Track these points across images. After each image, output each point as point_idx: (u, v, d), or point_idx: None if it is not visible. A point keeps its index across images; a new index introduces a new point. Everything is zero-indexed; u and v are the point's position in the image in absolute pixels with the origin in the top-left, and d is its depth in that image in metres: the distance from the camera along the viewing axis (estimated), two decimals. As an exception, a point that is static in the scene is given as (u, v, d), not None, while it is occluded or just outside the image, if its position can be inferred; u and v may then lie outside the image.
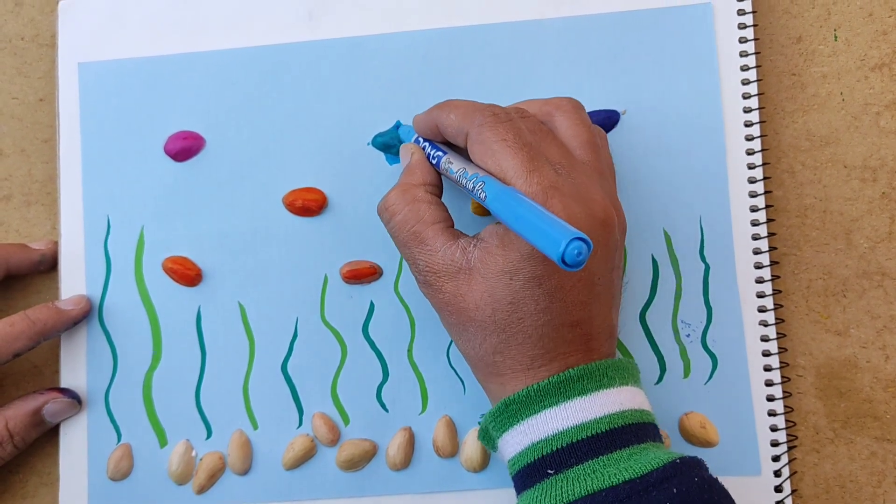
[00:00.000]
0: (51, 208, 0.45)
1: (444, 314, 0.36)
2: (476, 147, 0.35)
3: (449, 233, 0.36)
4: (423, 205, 0.36)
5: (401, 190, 0.37)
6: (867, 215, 0.43)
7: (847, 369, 0.43)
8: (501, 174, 0.34)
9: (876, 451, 0.42)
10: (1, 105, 0.46)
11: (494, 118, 0.35)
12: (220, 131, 0.44)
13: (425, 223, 0.36)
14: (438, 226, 0.36)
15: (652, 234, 0.43)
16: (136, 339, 0.43)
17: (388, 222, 0.37)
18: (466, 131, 0.36)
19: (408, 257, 0.36)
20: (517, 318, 0.34)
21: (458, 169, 0.36)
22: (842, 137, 0.44)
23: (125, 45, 0.45)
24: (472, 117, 0.35)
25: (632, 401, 0.34)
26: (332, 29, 0.44)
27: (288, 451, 0.42)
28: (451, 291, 0.35)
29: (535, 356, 0.34)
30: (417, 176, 0.37)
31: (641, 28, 0.43)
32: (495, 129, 0.34)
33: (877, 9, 0.44)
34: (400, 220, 0.36)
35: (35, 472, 0.44)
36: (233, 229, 0.43)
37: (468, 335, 0.35)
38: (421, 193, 0.37)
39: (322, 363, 0.43)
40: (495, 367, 0.35)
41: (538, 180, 0.33)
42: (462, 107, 0.37)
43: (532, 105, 0.38)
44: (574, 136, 0.36)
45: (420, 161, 0.38)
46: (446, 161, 0.37)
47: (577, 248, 0.28)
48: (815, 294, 0.43)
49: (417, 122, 0.39)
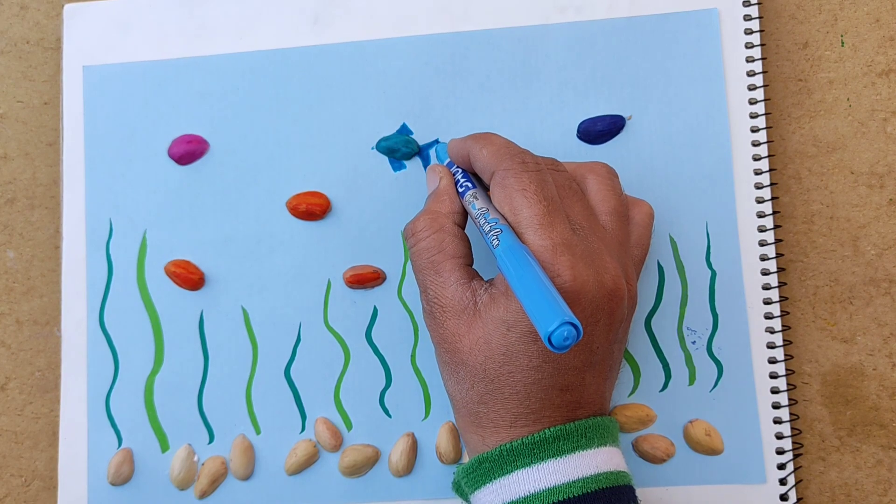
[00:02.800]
0: (55, 211, 0.45)
1: (439, 350, 0.36)
2: (497, 190, 0.35)
3: (465, 270, 0.35)
4: (447, 236, 0.36)
5: (430, 217, 0.36)
6: (874, 222, 0.43)
7: (853, 377, 0.43)
8: (516, 222, 0.34)
9: (882, 460, 0.42)
10: (6, 108, 0.46)
11: (522, 166, 0.34)
12: (224, 135, 0.44)
13: (445, 255, 0.35)
14: (457, 261, 0.35)
15: (658, 240, 0.42)
16: (138, 343, 0.43)
17: (412, 246, 0.37)
18: (493, 171, 0.35)
19: (421, 284, 0.36)
20: (508, 370, 0.33)
21: (480, 207, 0.35)
22: (849, 143, 0.44)
23: (130, 48, 0.45)
24: (501, 159, 0.35)
25: (608, 462, 0.34)
26: (338, 33, 0.44)
27: (290, 456, 0.42)
28: (451, 330, 0.35)
29: (518, 414, 0.34)
30: (446, 204, 0.37)
31: (647, 34, 0.43)
32: (519, 178, 0.34)
33: (884, 14, 0.44)
34: (423, 247, 0.36)
35: (37, 476, 0.44)
36: (236, 233, 0.43)
37: (458, 377, 0.35)
38: (448, 224, 0.36)
39: (325, 368, 0.43)
40: (478, 418, 0.35)
41: (550, 234, 0.33)
42: (496, 145, 0.36)
43: (568, 164, 0.38)
44: (602, 201, 0.36)
45: (449, 188, 0.38)
46: (472, 196, 0.37)
47: (567, 331, 0.28)
48: (822, 301, 0.43)
49: (452, 148, 0.39)
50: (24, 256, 0.45)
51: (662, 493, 0.41)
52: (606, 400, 0.36)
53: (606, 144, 0.43)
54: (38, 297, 0.45)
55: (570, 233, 0.33)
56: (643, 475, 0.41)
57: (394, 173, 0.43)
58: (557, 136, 0.43)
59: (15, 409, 0.44)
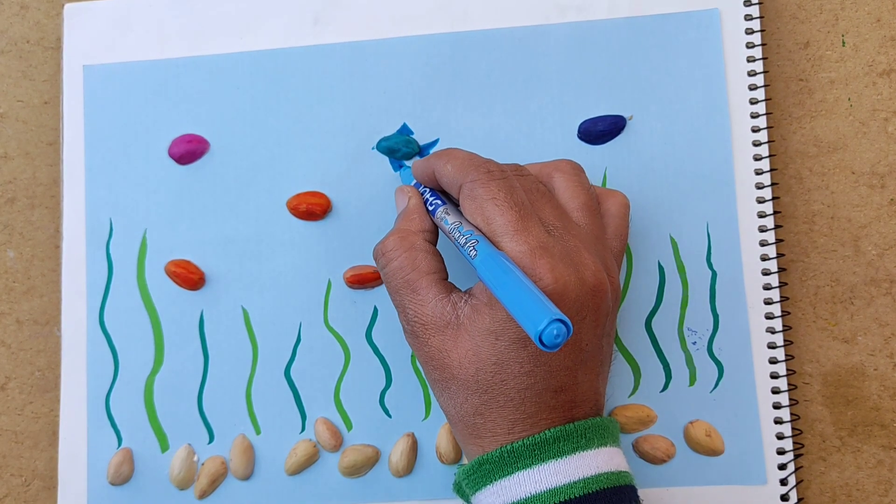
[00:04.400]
0: (55, 211, 0.45)
1: (427, 369, 0.35)
2: (467, 202, 0.35)
3: (442, 285, 0.35)
4: (419, 253, 0.36)
5: (399, 236, 0.36)
6: (875, 222, 0.43)
7: (854, 377, 0.42)
8: (490, 231, 0.33)
9: (883, 460, 0.42)
10: (6, 108, 0.46)
11: (488, 175, 0.35)
12: (225, 135, 0.44)
13: (420, 272, 0.35)
14: (433, 276, 0.35)
15: (658, 240, 0.42)
16: (138, 343, 0.43)
17: (383, 267, 0.36)
18: (460, 185, 0.35)
19: (398, 305, 0.36)
20: (500, 379, 0.33)
21: (453, 222, 0.35)
22: (849, 143, 0.43)
23: (130, 48, 0.45)
24: (466, 171, 0.35)
25: (609, 463, 0.34)
26: (338, 33, 0.44)
27: (290, 456, 0.42)
28: (436, 346, 0.34)
29: (515, 420, 0.34)
30: (416, 222, 0.37)
31: (648, 34, 0.43)
32: (487, 187, 0.34)
33: (885, 14, 0.44)
34: (395, 267, 0.36)
35: (37, 476, 0.44)
36: (236, 233, 0.43)
37: (450, 393, 0.35)
38: (419, 241, 0.36)
39: (325, 368, 0.43)
40: (475, 429, 0.35)
41: (526, 239, 0.33)
42: (459, 159, 0.36)
43: (532, 166, 0.38)
44: (572, 198, 0.36)
45: (418, 206, 0.38)
46: (443, 212, 0.37)
47: (557, 329, 0.28)
48: (823, 301, 0.43)
49: (416, 168, 0.39)
50: (24, 256, 0.45)
51: (663, 493, 0.41)
52: (601, 395, 0.36)
53: (607, 145, 0.43)
54: (38, 296, 0.45)
55: (545, 235, 0.33)
56: (643, 476, 0.41)
57: (394, 173, 0.43)
58: (558, 137, 0.43)
59: (15, 409, 0.44)
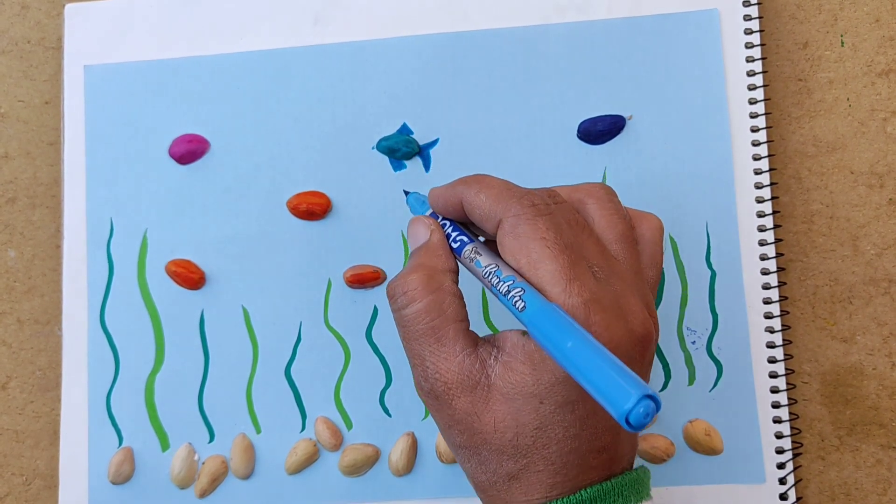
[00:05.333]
0: (55, 211, 0.45)
1: (451, 433, 0.31)
2: (509, 240, 0.30)
3: (469, 336, 0.31)
4: (448, 296, 0.31)
5: (426, 273, 0.31)
6: (874, 221, 0.43)
7: (853, 376, 0.43)
8: (536, 277, 0.29)
9: (882, 459, 0.42)
10: (7, 108, 0.46)
11: (533, 210, 0.30)
12: (225, 135, 0.44)
13: (448, 319, 0.31)
14: (460, 325, 0.31)
15: (657, 239, 0.42)
16: (139, 342, 0.43)
17: (401, 308, 0.31)
18: (499, 219, 0.31)
19: (414, 355, 0.32)
20: (542, 444, 0.30)
21: (487, 265, 0.31)
22: (848, 143, 0.44)
23: (131, 48, 0.45)
24: (506, 204, 0.31)
25: None
26: (338, 33, 0.44)
27: (290, 455, 0.42)
28: (464, 409, 0.30)
29: (554, 484, 0.30)
30: (441, 259, 0.32)
31: (647, 34, 0.43)
32: (534, 224, 0.30)
33: (884, 14, 0.44)
34: (419, 310, 0.31)
35: (38, 475, 0.44)
36: (237, 233, 0.43)
37: (480, 458, 0.31)
38: (448, 283, 0.32)
39: (325, 367, 0.43)
40: (509, 493, 0.31)
41: (578, 291, 0.29)
42: (496, 188, 0.32)
43: (562, 189, 0.33)
44: (609, 228, 0.32)
45: (442, 242, 0.33)
46: (472, 251, 0.32)
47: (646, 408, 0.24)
48: (822, 301, 0.43)
49: (436, 197, 0.34)
50: (25, 256, 0.45)
51: (662, 492, 0.41)
52: (637, 444, 0.33)
53: (607, 144, 0.43)
54: (38, 296, 0.45)
55: (594, 282, 0.30)
56: (643, 474, 0.41)
57: (394, 173, 0.43)
58: (557, 136, 0.43)
59: (16, 408, 0.44)
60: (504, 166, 0.43)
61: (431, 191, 0.34)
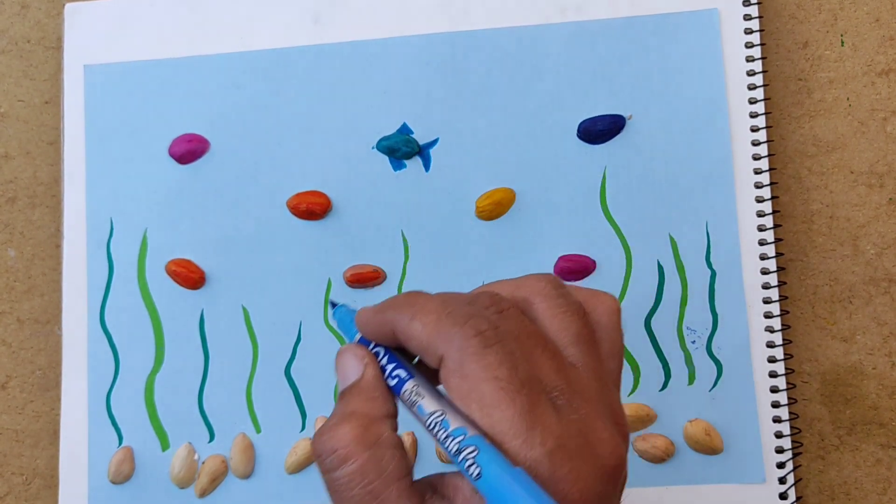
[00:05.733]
0: (55, 210, 0.45)
1: None
2: (456, 381, 0.25)
3: (414, 494, 0.26)
4: (387, 451, 0.26)
5: (359, 424, 0.26)
6: (874, 221, 0.43)
7: (853, 376, 0.43)
8: (490, 427, 0.25)
9: (881, 459, 0.42)
10: (7, 108, 0.46)
11: (480, 340, 0.25)
12: (225, 134, 0.44)
13: (389, 479, 0.25)
14: (403, 483, 0.26)
15: (658, 239, 0.42)
16: (139, 342, 0.43)
17: (332, 469, 0.26)
18: (441, 354, 0.26)
19: None
20: None
21: (432, 412, 0.26)
22: (848, 143, 0.44)
23: (131, 47, 0.45)
24: (447, 335, 0.26)
25: None
26: (338, 33, 0.44)
27: (291, 454, 0.42)
28: None
29: None
30: (378, 404, 0.27)
31: (647, 33, 0.43)
32: (483, 360, 0.25)
33: (884, 14, 0.44)
34: (353, 471, 0.25)
35: (38, 475, 0.44)
36: (237, 232, 0.43)
37: None
38: (387, 433, 0.26)
39: (325, 367, 0.43)
40: None
41: (541, 440, 0.24)
42: (432, 314, 0.26)
43: (503, 288, 0.29)
44: (562, 330, 0.28)
45: (377, 381, 0.28)
46: (412, 390, 0.27)
47: None
48: (822, 300, 0.43)
49: (365, 323, 0.29)
50: (24, 255, 0.45)
51: (662, 492, 0.41)
52: None
53: (606, 144, 0.43)
54: (38, 295, 0.45)
55: (556, 420, 0.25)
56: (643, 474, 0.41)
57: (394, 173, 0.43)
58: (557, 136, 0.43)
59: (16, 408, 0.44)
60: (504, 166, 0.43)
61: (359, 314, 0.29)
